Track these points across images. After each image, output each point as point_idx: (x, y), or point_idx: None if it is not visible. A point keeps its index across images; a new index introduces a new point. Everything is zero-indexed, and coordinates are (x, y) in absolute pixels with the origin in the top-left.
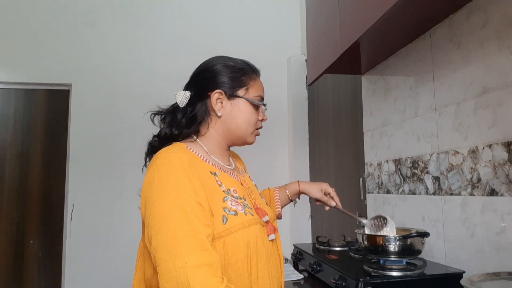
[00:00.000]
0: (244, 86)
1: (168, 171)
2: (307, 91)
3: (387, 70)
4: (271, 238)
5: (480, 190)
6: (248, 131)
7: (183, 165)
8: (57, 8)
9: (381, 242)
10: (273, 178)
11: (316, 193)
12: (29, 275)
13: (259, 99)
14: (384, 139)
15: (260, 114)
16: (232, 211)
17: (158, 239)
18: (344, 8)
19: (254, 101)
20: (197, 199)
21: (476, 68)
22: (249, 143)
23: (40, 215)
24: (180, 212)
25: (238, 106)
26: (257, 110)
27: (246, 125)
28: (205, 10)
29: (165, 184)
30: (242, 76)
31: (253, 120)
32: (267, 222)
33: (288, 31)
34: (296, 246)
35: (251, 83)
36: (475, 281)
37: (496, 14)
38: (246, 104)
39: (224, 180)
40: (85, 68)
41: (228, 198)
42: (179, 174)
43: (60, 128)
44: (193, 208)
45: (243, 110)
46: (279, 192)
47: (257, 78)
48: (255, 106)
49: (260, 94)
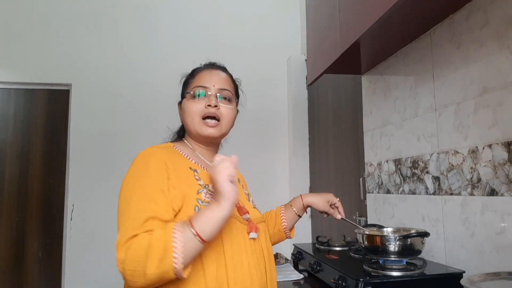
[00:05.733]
0: (188, 87)
1: (142, 160)
2: (307, 91)
3: (387, 70)
4: (251, 237)
5: (480, 190)
6: (194, 123)
7: (158, 157)
8: (57, 8)
9: (381, 242)
10: (273, 178)
11: (322, 206)
12: (29, 275)
13: (197, 88)
14: (384, 139)
15: (204, 100)
16: (205, 202)
17: (118, 217)
18: (344, 8)
19: (190, 92)
20: (162, 187)
21: (476, 68)
22: (204, 136)
23: (40, 215)
24: (141, 193)
25: (182, 107)
26: (196, 98)
27: (190, 117)
28: (205, 10)
29: (136, 170)
30: (189, 79)
31: (193, 110)
32: (248, 220)
33: (288, 31)
34: (296, 246)
35: (192, 81)
36: (475, 281)
37: (496, 14)
38: (186, 100)
39: (204, 177)
40: (85, 68)
41: (203, 191)
42: (150, 163)
43: (60, 128)
44: (154, 192)
45: (185, 106)
46: (285, 211)
47: (201, 72)
48: (192, 96)
49: (199, 83)
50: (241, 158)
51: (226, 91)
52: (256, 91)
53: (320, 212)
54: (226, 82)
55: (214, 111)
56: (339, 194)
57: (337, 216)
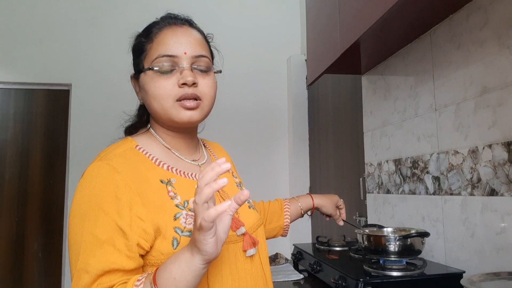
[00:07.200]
0: (143, 54)
1: (88, 187)
2: (307, 91)
3: (387, 70)
4: (248, 254)
5: (480, 190)
6: (165, 108)
7: (113, 178)
8: (57, 8)
9: (381, 242)
10: (273, 178)
11: (331, 209)
12: (29, 275)
13: (162, 59)
14: (384, 139)
15: (175, 76)
16: (186, 231)
17: (70, 263)
18: (344, 8)
19: (153, 66)
20: (120, 223)
21: (476, 68)
22: (178, 122)
23: (40, 215)
24: (91, 238)
25: (141, 85)
26: (164, 75)
27: (157, 100)
28: (205, 10)
29: (82, 202)
30: (140, 43)
31: (160, 93)
32: (243, 234)
33: (288, 31)
34: (296, 246)
35: (149, 45)
36: (475, 281)
37: (496, 14)
38: (145, 77)
39: (182, 188)
40: (85, 68)
41: (182, 215)
42: (99, 190)
43: (60, 128)
44: (109, 233)
45: (148, 87)
46: (290, 204)
47: (161, 32)
48: (155, 73)
49: (163, 51)
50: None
51: (203, 59)
52: (256, 91)
53: (324, 215)
54: (200, 44)
55: (192, 92)
56: (339, 194)
57: (340, 223)
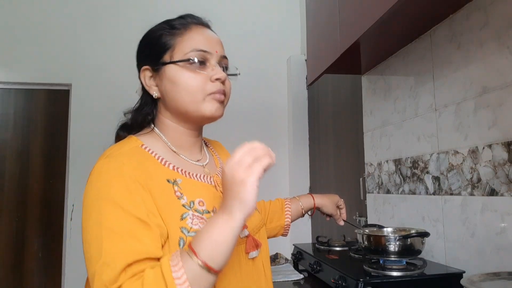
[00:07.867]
0: (168, 49)
1: (102, 182)
2: (307, 91)
3: (387, 70)
4: (251, 256)
5: (480, 190)
6: (195, 101)
7: (124, 173)
8: (57, 8)
9: (381, 242)
10: (273, 178)
11: (332, 209)
12: (29, 275)
13: (196, 54)
14: (384, 139)
15: (207, 71)
16: (192, 231)
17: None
18: (344, 8)
19: (185, 59)
20: (138, 215)
21: (476, 68)
22: (208, 116)
23: (40, 215)
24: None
25: (169, 76)
26: (198, 69)
27: (190, 91)
28: (206, 10)
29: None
30: (162, 38)
31: (194, 85)
32: (246, 236)
33: (288, 31)
34: (296, 246)
35: (177, 39)
36: (475, 281)
37: (496, 14)
38: (176, 69)
39: (188, 189)
40: (85, 68)
41: (189, 215)
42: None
43: (60, 128)
44: (130, 228)
45: (176, 78)
46: (290, 203)
47: (191, 30)
48: (189, 66)
49: (196, 46)
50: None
51: (227, 60)
52: (256, 91)
53: (324, 214)
54: (223, 46)
55: (223, 88)
56: (339, 194)
57: (340, 223)
